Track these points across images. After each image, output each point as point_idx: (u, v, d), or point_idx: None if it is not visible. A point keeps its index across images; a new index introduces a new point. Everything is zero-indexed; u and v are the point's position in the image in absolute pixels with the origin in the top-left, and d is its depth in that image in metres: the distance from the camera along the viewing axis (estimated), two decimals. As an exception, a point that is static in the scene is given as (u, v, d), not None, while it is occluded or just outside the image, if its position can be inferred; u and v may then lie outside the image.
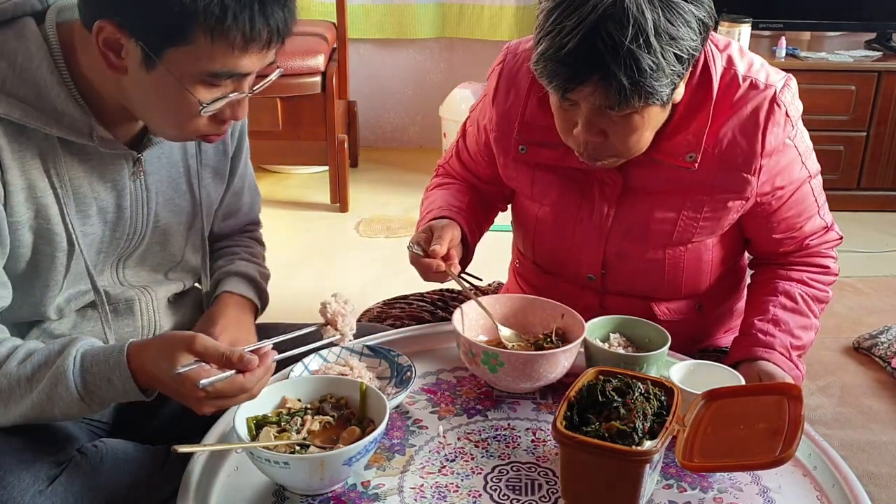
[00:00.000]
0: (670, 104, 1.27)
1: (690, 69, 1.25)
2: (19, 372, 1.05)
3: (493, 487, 1.08)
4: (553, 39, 1.16)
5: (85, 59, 1.09)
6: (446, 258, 1.34)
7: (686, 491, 1.08)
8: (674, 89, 1.22)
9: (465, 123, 1.64)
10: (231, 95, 1.08)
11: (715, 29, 1.27)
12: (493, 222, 1.64)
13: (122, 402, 1.13)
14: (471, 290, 1.39)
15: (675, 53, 1.16)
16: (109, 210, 1.19)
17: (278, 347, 1.10)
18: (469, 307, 1.34)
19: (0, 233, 1.09)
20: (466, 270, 1.46)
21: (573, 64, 1.15)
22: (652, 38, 1.13)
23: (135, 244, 1.25)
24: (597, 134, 1.25)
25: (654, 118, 1.26)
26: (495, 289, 1.88)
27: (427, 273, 1.34)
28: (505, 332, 1.33)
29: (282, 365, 1.18)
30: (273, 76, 1.14)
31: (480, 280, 1.49)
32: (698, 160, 1.33)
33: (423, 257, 1.33)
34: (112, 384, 1.05)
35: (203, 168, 1.31)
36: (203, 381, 0.99)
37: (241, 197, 1.45)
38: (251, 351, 1.04)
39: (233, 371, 1.01)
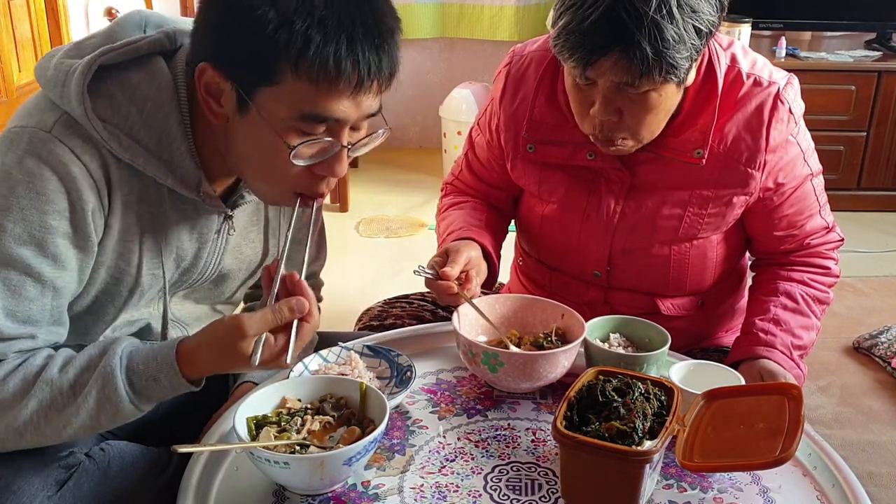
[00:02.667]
0: (684, 86, 1.28)
1: (703, 49, 1.26)
2: (62, 379, 1.01)
3: (493, 487, 1.08)
4: (576, 12, 1.17)
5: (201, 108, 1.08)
6: (466, 280, 1.33)
7: (686, 491, 1.08)
8: (690, 67, 1.23)
9: (469, 135, 1.63)
10: (325, 139, 1.03)
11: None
12: (507, 232, 1.64)
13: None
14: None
15: (695, 26, 1.18)
16: (186, 258, 1.18)
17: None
18: (469, 307, 1.33)
19: (82, 275, 1.08)
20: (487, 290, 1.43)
21: (596, 34, 1.16)
22: (675, 9, 1.15)
23: (195, 286, 1.25)
24: (613, 113, 1.26)
25: (669, 99, 1.27)
26: (497, 289, 1.88)
27: (442, 296, 1.32)
28: (513, 349, 1.30)
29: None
30: (379, 136, 1.09)
31: (498, 291, 1.48)
32: (705, 156, 1.34)
33: (435, 280, 1.31)
34: (159, 383, 1.02)
35: (283, 217, 1.30)
36: (289, 358, 1.00)
37: (302, 247, 1.37)
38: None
39: (295, 323, 1.01)
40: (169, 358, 1.02)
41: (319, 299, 1.50)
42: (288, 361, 0.98)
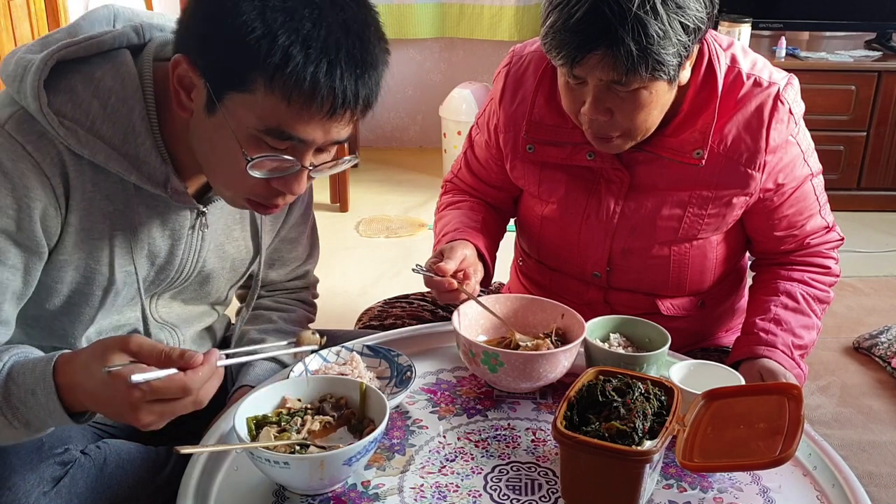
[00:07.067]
0: (676, 84, 1.28)
1: (697, 47, 1.26)
2: None
3: (493, 487, 1.08)
4: (562, 11, 1.18)
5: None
6: (464, 278, 1.33)
7: (686, 491, 1.08)
8: (680, 64, 1.23)
9: (469, 134, 1.63)
10: (286, 158, 1.00)
11: (718, 14, 1.27)
12: (505, 231, 1.64)
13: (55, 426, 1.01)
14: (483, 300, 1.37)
15: (681, 22, 1.18)
16: (160, 255, 1.16)
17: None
18: (468, 307, 1.33)
19: (28, 276, 1.05)
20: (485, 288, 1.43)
21: (581, 32, 1.17)
22: (659, 6, 1.15)
23: (176, 285, 1.23)
24: (604, 112, 1.26)
25: (661, 96, 1.26)
26: (496, 289, 1.88)
27: (441, 293, 1.32)
28: (519, 335, 1.30)
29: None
30: (344, 163, 1.07)
31: (498, 291, 1.48)
32: (705, 157, 1.34)
33: (432, 278, 1.31)
34: (36, 397, 0.93)
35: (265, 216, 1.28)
36: (136, 377, 0.86)
37: (294, 246, 1.39)
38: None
39: (173, 370, 0.90)
40: (46, 371, 0.93)
41: (315, 296, 1.50)
42: (133, 379, 0.86)
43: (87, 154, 1.02)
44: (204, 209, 1.17)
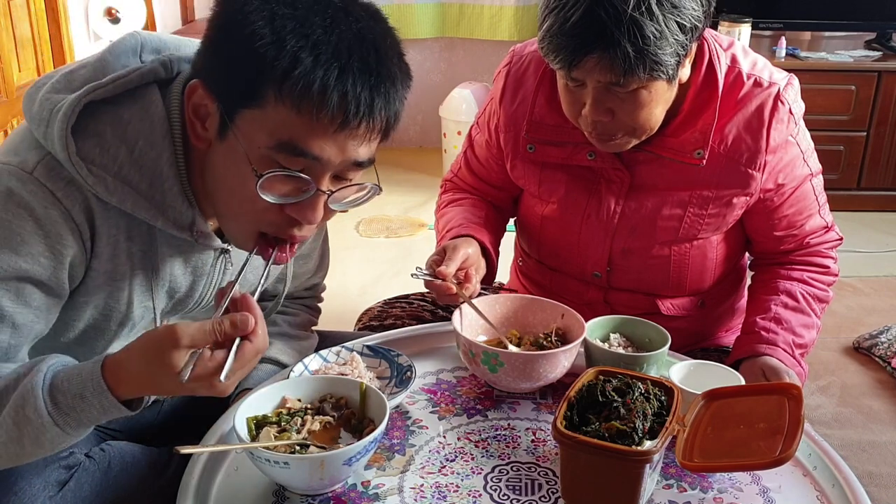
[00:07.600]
0: (677, 83, 1.28)
1: (695, 44, 1.26)
2: None
3: (493, 487, 1.08)
4: (558, 15, 1.19)
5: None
6: (465, 278, 1.33)
7: (686, 491, 1.08)
8: (679, 63, 1.23)
9: (469, 133, 1.63)
10: (298, 175, 0.95)
11: (716, 13, 1.27)
12: (505, 230, 1.64)
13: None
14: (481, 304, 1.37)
15: (677, 22, 1.18)
16: (180, 290, 1.14)
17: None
18: (469, 307, 1.33)
19: (49, 316, 1.03)
20: (487, 286, 1.42)
21: (578, 35, 1.17)
22: (654, 6, 1.15)
23: (193, 312, 1.22)
24: (604, 113, 1.26)
25: (661, 94, 1.26)
26: (497, 288, 1.88)
27: (440, 296, 1.32)
28: (513, 349, 1.30)
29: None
30: (365, 191, 1.03)
31: (498, 291, 1.48)
32: (706, 157, 1.34)
33: (432, 281, 1.30)
34: (86, 401, 0.93)
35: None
36: (223, 375, 0.89)
37: (306, 262, 1.37)
38: (231, 309, 0.95)
39: (236, 341, 0.92)
40: (94, 372, 0.93)
41: (319, 300, 1.50)
42: (222, 379, 0.89)
43: (115, 202, 0.99)
44: (228, 247, 1.15)
